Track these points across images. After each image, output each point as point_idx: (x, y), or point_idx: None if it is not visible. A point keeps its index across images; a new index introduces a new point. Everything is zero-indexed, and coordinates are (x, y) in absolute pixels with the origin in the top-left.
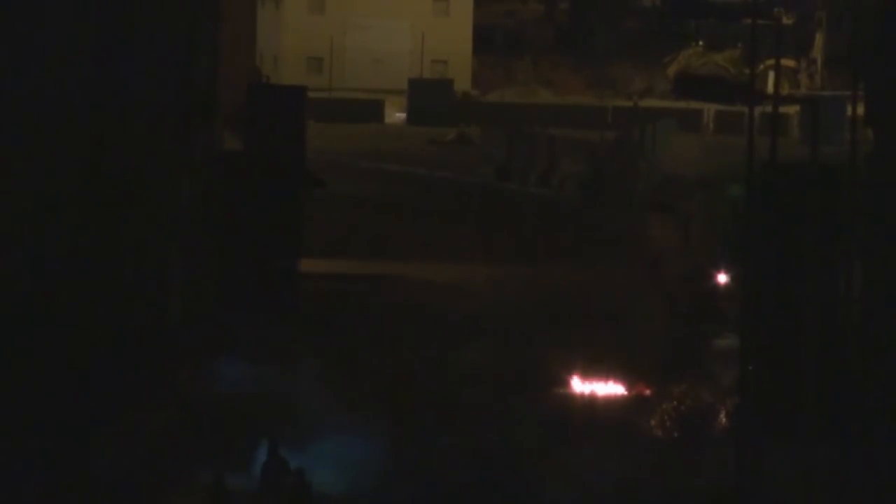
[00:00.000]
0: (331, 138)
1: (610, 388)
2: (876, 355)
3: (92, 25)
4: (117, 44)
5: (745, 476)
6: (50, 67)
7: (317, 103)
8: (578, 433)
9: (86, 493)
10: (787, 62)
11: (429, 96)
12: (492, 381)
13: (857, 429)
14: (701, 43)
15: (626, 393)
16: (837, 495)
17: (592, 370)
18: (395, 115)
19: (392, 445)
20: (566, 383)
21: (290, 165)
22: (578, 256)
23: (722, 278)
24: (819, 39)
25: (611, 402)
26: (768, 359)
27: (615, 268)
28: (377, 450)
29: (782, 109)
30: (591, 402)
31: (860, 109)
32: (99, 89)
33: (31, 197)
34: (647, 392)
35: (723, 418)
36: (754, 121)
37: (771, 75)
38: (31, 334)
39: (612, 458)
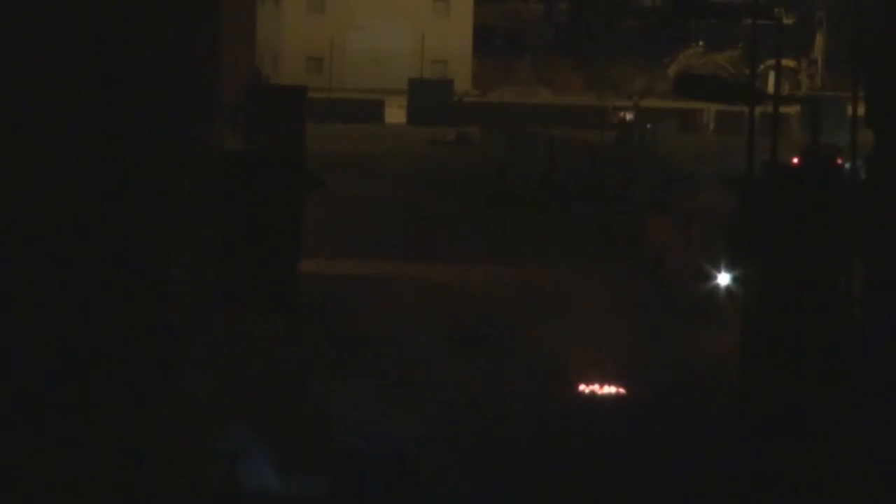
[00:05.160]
0: (331, 138)
1: (611, 389)
2: (876, 355)
3: (91, 25)
4: (117, 44)
5: (746, 476)
6: (49, 67)
7: (317, 103)
8: (578, 433)
9: (86, 493)
10: (788, 62)
11: (429, 96)
12: (492, 380)
13: (857, 429)
14: (701, 43)
15: (625, 393)
16: (837, 495)
17: (593, 370)
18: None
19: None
20: (566, 383)
21: (290, 165)
22: (578, 257)
23: (723, 278)
24: (819, 39)
25: (611, 403)
26: (769, 359)
27: (615, 268)
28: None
29: (783, 109)
30: (591, 402)
31: (860, 110)
32: (98, 89)
33: (30, 196)
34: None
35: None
36: (755, 121)
37: (771, 75)
38: (29, 334)
39: (613, 460)
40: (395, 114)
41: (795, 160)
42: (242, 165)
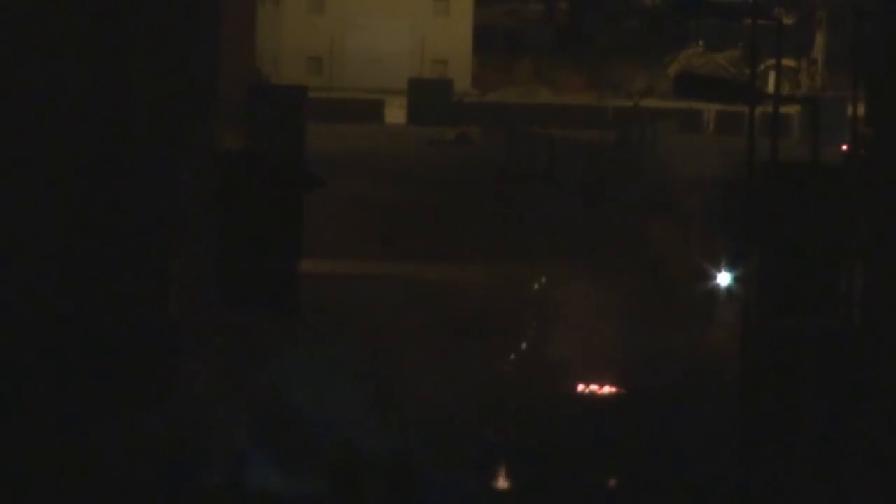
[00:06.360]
0: (331, 138)
1: (610, 389)
2: (877, 356)
3: (90, 25)
4: (116, 44)
5: (745, 477)
6: (47, 67)
7: (317, 103)
8: (577, 433)
9: (86, 493)
10: (788, 62)
11: (429, 96)
12: (490, 379)
13: (857, 429)
14: (701, 43)
15: (622, 392)
16: (838, 495)
17: (589, 370)
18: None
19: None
20: (563, 383)
21: (290, 165)
22: (578, 257)
23: (723, 278)
24: (820, 39)
25: (609, 402)
26: (769, 359)
27: (614, 268)
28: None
29: (783, 109)
30: (589, 401)
31: (860, 110)
32: (98, 89)
33: (30, 196)
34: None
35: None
36: (755, 121)
37: (771, 75)
38: (29, 333)
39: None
40: (395, 114)
41: (844, 147)
42: (242, 165)
